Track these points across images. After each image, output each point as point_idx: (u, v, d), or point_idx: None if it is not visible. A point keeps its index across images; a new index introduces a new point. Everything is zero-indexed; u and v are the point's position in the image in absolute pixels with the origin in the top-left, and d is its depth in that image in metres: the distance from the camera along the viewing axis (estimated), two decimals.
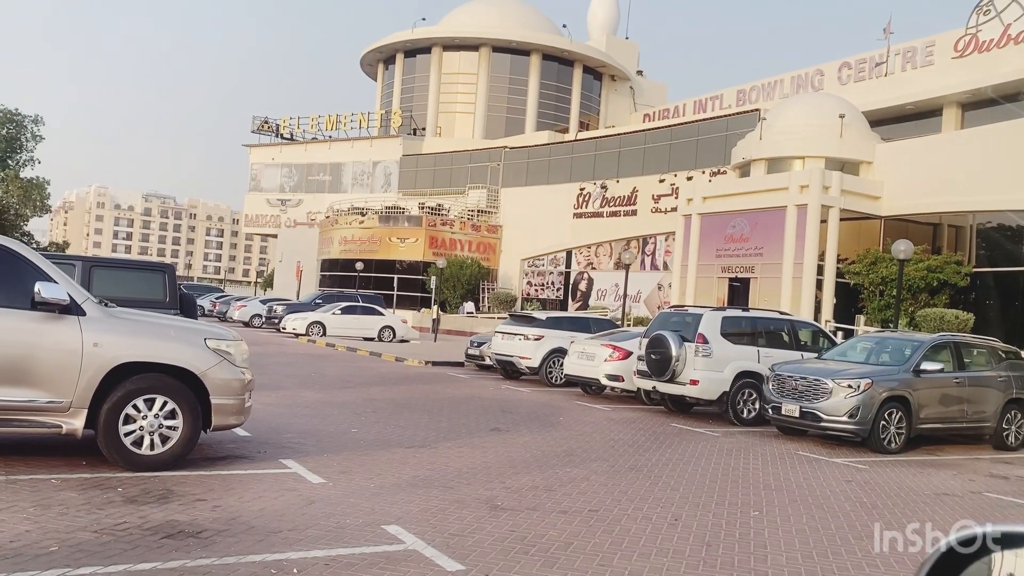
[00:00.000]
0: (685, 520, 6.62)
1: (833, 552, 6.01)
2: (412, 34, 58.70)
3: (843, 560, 5.82)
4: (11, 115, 47.91)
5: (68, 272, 8.87)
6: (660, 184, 39.02)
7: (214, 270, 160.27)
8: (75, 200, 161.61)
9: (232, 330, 8.20)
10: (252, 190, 63.21)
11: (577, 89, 59.19)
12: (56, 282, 6.61)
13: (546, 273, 46.15)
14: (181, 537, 5.17)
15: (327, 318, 30.64)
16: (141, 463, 6.83)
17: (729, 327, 13.84)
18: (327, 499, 6.44)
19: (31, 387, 6.48)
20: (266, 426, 9.54)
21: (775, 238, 27.66)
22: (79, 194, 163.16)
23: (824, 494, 8.09)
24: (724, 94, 49.14)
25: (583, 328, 18.68)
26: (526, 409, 13.62)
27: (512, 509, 6.55)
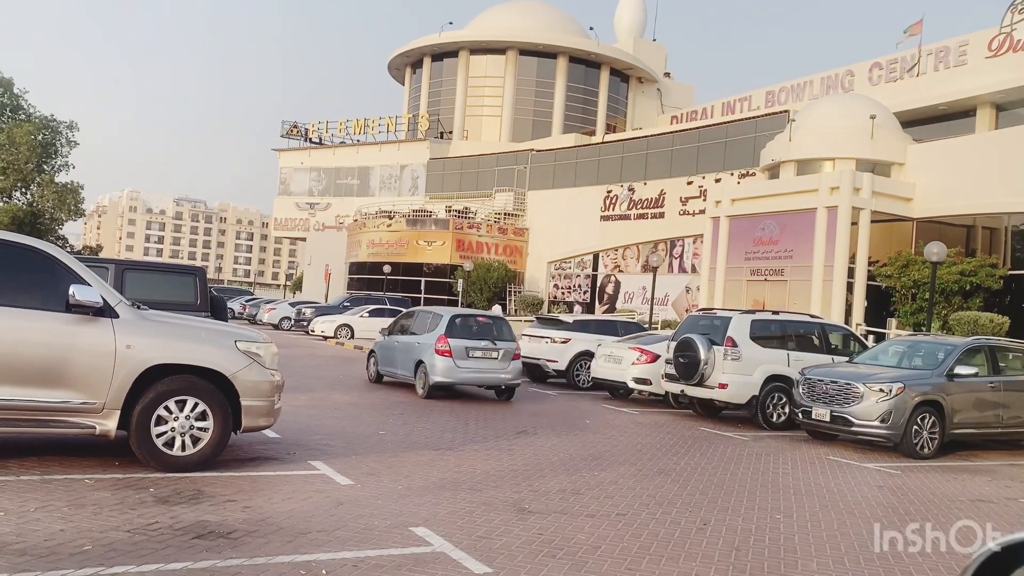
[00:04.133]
0: (714, 524, 6.57)
1: (866, 559, 5.92)
2: (439, 38, 58.92)
3: (875, 567, 5.74)
4: (47, 121, 48.81)
5: (101, 275, 9.02)
6: (688, 186, 38.80)
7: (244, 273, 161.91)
8: (108, 204, 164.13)
9: (262, 332, 8.27)
10: (281, 194, 63.79)
11: (604, 91, 59.04)
12: (90, 285, 6.71)
13: (573, 276, 46.05)
14: (212, 537, 5.22)
15: (355, 321, 30.82)
16: (173, 464, 6.91)
17: (758, 331, 13.73)
18: (355, 500, 6.48)
19: (66, 388, 6.57)
20: (295, 427, 9.61)
21: (805, 240, 27.38)
22: (112, 198, 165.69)
23: (855, 499, 7.98)
24: (752, 96, 48.76)
25: (610, 331, 18.62)
26: (553, 412, 13.59)
27: (540, 512, 6.54)
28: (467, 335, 14.86)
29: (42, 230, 46.23)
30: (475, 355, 14.66)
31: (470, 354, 14.60)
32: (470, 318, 15.65)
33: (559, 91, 57.69)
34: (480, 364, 14.69)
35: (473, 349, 14.68)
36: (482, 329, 15.34)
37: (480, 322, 15.66)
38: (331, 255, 52.74)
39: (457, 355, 14.47)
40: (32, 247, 6.92)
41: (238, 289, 60.48)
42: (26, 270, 6.78)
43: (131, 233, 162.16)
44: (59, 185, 48.36)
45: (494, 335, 15.25)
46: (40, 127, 47.93)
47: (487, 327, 15.50)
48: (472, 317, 15.83)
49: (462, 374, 14.55)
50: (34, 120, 48.13)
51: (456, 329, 14.85)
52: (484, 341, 14.95)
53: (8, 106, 48.59)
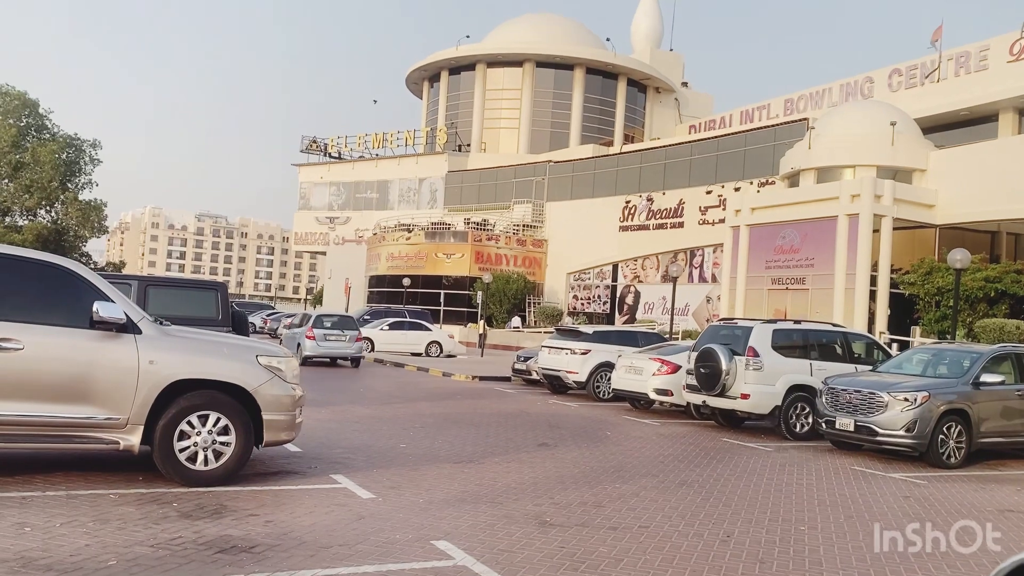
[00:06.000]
0: (737, 537, 6.51)
1: (892, 571, 5.85)
2: (456, 52, 59.24)
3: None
4: (70, 140, 49.54)
5: (124, 291, 9.11)
6: (707, 196, 38.67)
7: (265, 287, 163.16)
8: (131, 221, 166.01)
9: (283, 347, 8.32)
10: (301, 208, 64.25)
11: (621, 102, 59.06)
12: (113, 301, 6.79)
13: (592, 287, 45.97)
14: (234, 552, 5.24)
15: (375, 334, 30.91)
16: (196, 478, 6.95)
17: (780, 340, 13.63)
18: (377, 514, 6.48)
19: (90, 404, 6.64)
20: (316, 441, 9.64)
21: (826, 249, 27.19)
22: (134, 215, 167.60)
23: (881, 510, 7.89)
24: (771, 104, 48.59)
25: (630, 342, 18.55)
26: (574, 424, 13.55)
27: (561, 525, 6.51)
28: (325, 327, 23.51)
29: (66, 247, 46.85)
30: (330, 339, 23.32)
31: (327, 338, 23.26)
32: (327, 317, 24.63)
33: (576, 102, 57.77)
34: (333, 343, 23.38)
35: (328, 334, 23.32)
36: (335, 323, 23.96)
37: (333, 319, 24.43)
38: (351, 269, 53.03)
39: (318, 339, 23.13)
40: (57, 264, 7.02)
41: (259, 303, 60.91)
42: (51, 287, 6.87)
43: (153, 249, 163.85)
44: (83, 203, 49.03)
45: (342, 327, 23.83)
46: (64, 146, 48.64)
47: (338, 322, 24.23)
48: (329, 316, 24.91)
49: (321, 350, 23.14)
50: (58, 139, 48.86)
51: (319, 324, 23.57)
52: (336, 331, 23.49)
53: (33, 126, 49.36)
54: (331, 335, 23.33)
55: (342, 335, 23.43)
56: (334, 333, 23.41)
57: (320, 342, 23.00)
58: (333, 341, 23.28)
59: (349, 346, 23.52)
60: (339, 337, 23.40)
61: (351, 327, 23.98)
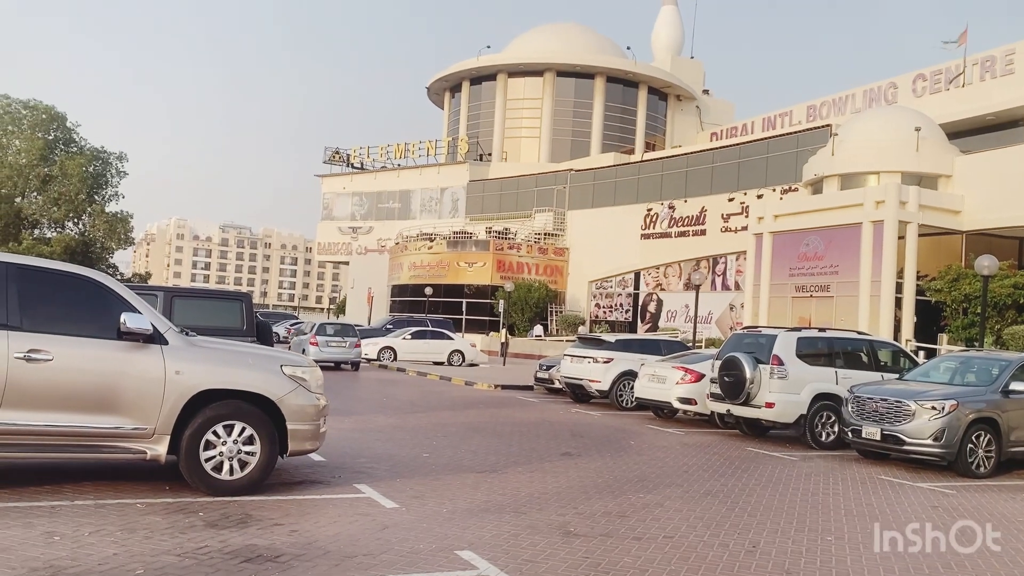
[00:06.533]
0: (763, 547, 6.45)
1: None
2: (477, 62, 59.50)
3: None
4: (97, 153, 50.22)
5: (151, 302, 9.22)
6: (729, 203, 38.48)
7: (288, 297, 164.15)
8: (156, 232, 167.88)
9: (306, 356, 8.37)
10: (324, 219, 64.70)
11: (642, 110, 59.02)
12: (140, 312, 6.87)
13: (614, 295, 45.86)
14: (260, 561, 5.27)
15: (398, 343, 31.02)
16: (221, 488, 7.00)
17: (805, 348, 13.51)
18: (400, 524, 6.49)
19: (118, 414, 6.71)
20: (340, 451, 9.68)
21: (851, 256, 26.95)
22: (160, 226, 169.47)
23: (909, 520, 7.78)
24: (793, 110, 48.34)
25: (653, 350, 18.47)
26: (597, 433, 13.51)
27: (585, 535, 6.49)
28: (328, 334, 25.82)
29: (94, 259, 47.45)
30: (332, 345, 25.39)
31: (329, 344, 25.31)
32: (329, 325, 27.49)
33: (597, 111, 57.80)
34: (334, 349, 25.42)
35: (330, 341, 25.46)
36: (337, 331, 26.35)
37: (336, 327, 27.06)
38: (374, 278, 53.29)
39: (321, 345, 25.07)
40: (85, 276, 7.13)
41: (283, 313, 61.35)
42: (79, 299, 6.97)
43: (179, 260, 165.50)
44: (109, 215, 49.64)
45: (343, 334, 26.12)
46: (91, 159, 49.31)
47: (340, 330, 26.67)
48: (331, 324, 28.08)
49: (323, 355, 24.26)
50: (85, 152, 49.54)
51: (322, 331, 25.98)
52: (337, 338, 25.75)
53: (61, 140, 50.10)
54: (333, 341, 25.53)
55: (343, 342, 25.70)
56: (336, 340, 25.64)
57: (323, 348, 24.94)
58: (335, 347, 25.40)
59: (349, 352, 25.75)
60: (340, 343, 25.62)
61: (351, 335, 26.33)
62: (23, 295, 6.61)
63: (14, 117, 48.81)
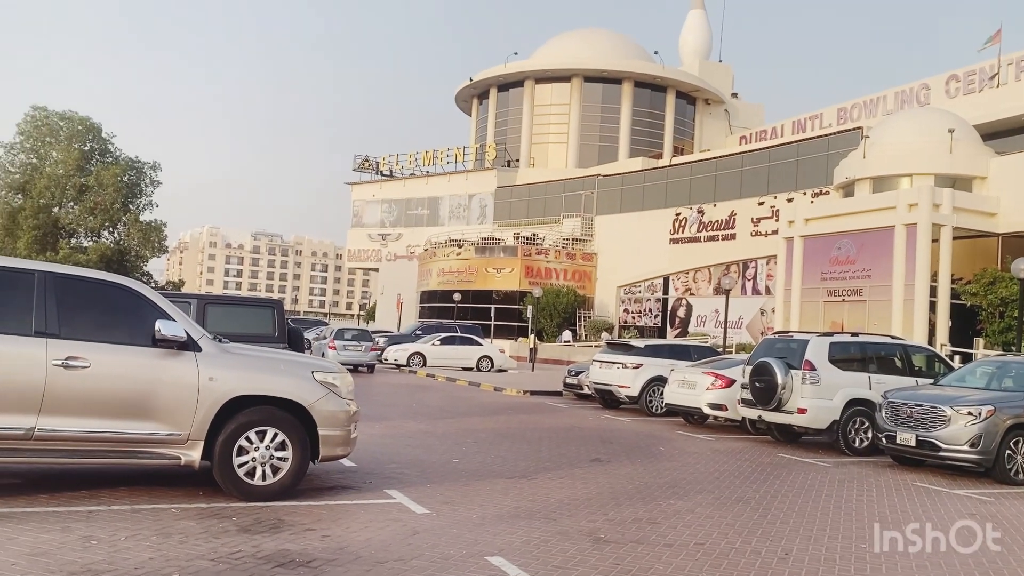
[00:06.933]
0: (796, 554, 6.38)
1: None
2: (505, 69, 59.67)
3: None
4: (132, 163, 51.07)
5: (184, 310, 9.32)
6: (759, 207, 38.18)
7: (319, 304, 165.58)
8: (189, 240, 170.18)
9: (337, 363, 8.43)
10: (354, 226, 65.17)
11: (671, 114, 58.78)
12: (174, 320, 6.97)
13: (643, 300, 45.66)
14: (292, 566, 5.32)
15: (427, 349, 31.14)
16: (254, 493, 7.06)
17: (837, 353, 13.36)
18: (431, 529, 6.51)
19: (152, 420, 6.81)
20: (371, 456, 9.73)
21: (884, 259, 26.61)
22: (193, 234, 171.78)
23: (947, 527, 7.64)
24: (824, 113, 47.88)
25: (683, 356, 18.36)
26: (627, 439, 13.45)
27: (616, 542, 6.47)
28: (346, 339, 27.64)
29: (128, 267, 48.24)
30: (349, 348, 26.98)
31: (346, 348, 26.93)
32: (347, 330, 29.52)
33: (625, 116, 57.67)
34: (351, 353, 26.76)
35: (347, 345, 27.19)
36: (354, 336, 28.40)
37: (353, 332, 29.24)
38: (403, 284, 53.54)
39: (339, 348, 26.59)
40: (120, 284, 7.25)
41: (314, 320, 61.85)
42: (115, 307, 7.09)
43: (211, 268, 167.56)
44: (144, 223, 50.46)
45: (359, 339, 28.05)
46: (126, 169, 50.17)
47: (357, 335, 28.78)
48: (349, 329, 30.27)
49: (341, 358, 24.96)
50: (120, 163, 50.41)
51: (340, 336, 27.86)
52: (354, 342, 27.60)
53: (97, 150, 51.02)
54: (350, 346, 27.31)
55: (359, 346, 27.57)
56: (352, 344, 27.49)
57: (340, 351, 26.35)
58: (351, 351, 26.97)
59: (365, 355, 27.53)
60: (356, 347, 27.38)
61: (367, 339, 28.48)
62: (61, 303, 6.73)
63: (52, 129, 49.83)
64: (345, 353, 26.27)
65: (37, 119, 49.77)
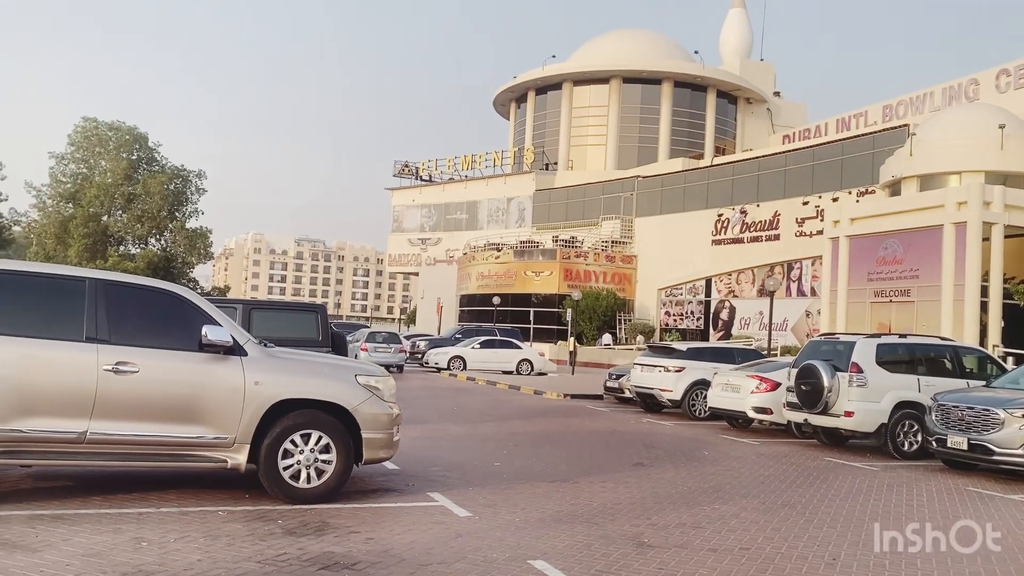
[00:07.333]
0: (844, 560, 6.27)
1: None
2: (542, 72, 59.71)
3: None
4: (178, 171, 52.06)
5: (230, 315, 9.48)
6: (804, 207, 37.67)
7: (361, 308, 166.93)
8: (234, 247, 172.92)
9: (379, 366, 8.50)
10: (395, 231, 65.71)
11: (711, 114, 58.28)
12: (220, 325, 7.08)
13: (685, 302, 45.29)
14: (337, 568, 5.36)
15: (467, 352, 31.25)
16: (299, 496, 7.13)
17: (885, 355, 13.11)
18: (474, 532, 6.52)
19: (200, 424, 6.93)
20: (413, 459, 9.78)
21: (932, 259, 26.06)
22: (238, 241, 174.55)
23: (1001, 533, 7.44)
24: (869, 111, 47.10)
25: (727, 359, 18.16)
26: (669, 443, 13.34)
27: (659, 546, 6.41)
28: (377, 341, 29.97)
29: (175, 274, 49.16)
30: (380, 350, 28.78)
31: (377, 350, 28.70)
32: (377, 333, 32.22)
33: (664, 116, 57.32)
34: (382, 354, 28.16)
35: (378, 347, 29.17)
36: (384, 339, 30.93)
37: (383, 335, 31.88)
38: (442, 288, 53.83)
39: (371, 350, 28.17)
40: (168, 291, 7.40)
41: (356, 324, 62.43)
42: (163, 312, 7.23)
43: (256, 273, 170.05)
44: (190, 231, 51.37)
45: (389, 341, 30.66)
46: (172, 177, 51.13)
47: (387, 337, 31.42)
48: (379, 332, 32.83)
49: (373, 359, 25.20)
50: (167, 171, 51.40)
51: (372, 339, 30.13)
52: (384, 344, 29.96)
53: (144, 159, 52.09)
54: (380, 348, 29.45)
55: (388, 347, 29.95)
56: (383, 346, 29.85)
57: (372, 353, 27.98)
58: (382, 352, 28.90)
59: (394, 356, 29.60)
60: (386, 349, 29.65)
61: (396, 341, 31.38)
62: (111, 310, 6.88)
63: (101, 139, 50.99)
64: (376, 355, 27.67)
65: (87, 130, 50.99)
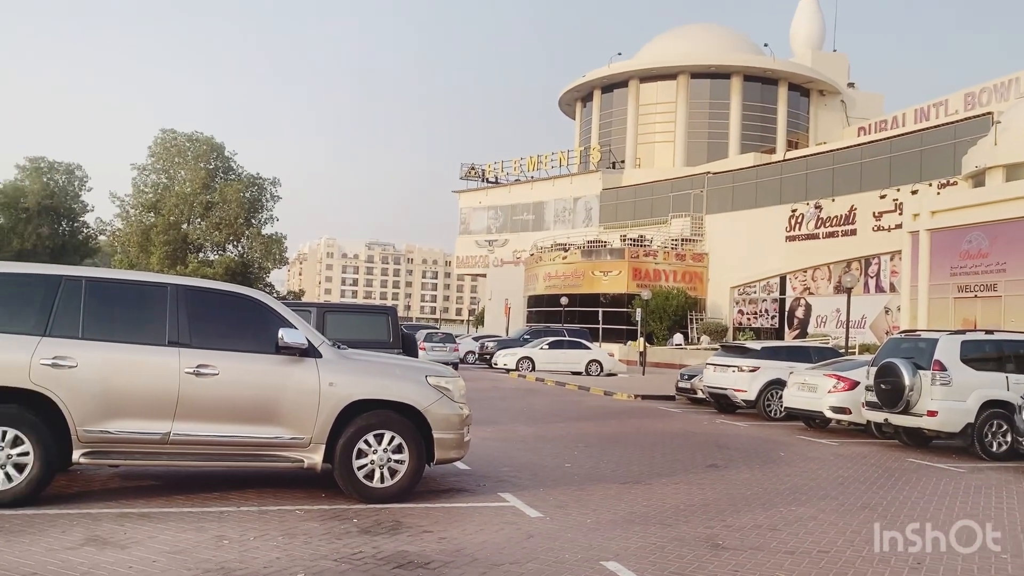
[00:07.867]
0: (929, 564, 6.05)
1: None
2: (608, 70, 59.36)
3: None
4: (254, 179, 53.59)
5: (305, 318, 9.69)
6: (881, 200, 36.50)
7: (430, 310, 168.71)
8: (308, 252, 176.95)
9: (449, 367, 8.58)
10: (462, 233, 66.21)
11: (783, 108, 57.03)
12: (296, 328, 7.25)
13: (758, 301, 44.41)
14: (411, 567, 5.43)
15: (535, 353, 31.27)
16: (373, 495, 7.25)
17: (970, 352, 12.61)
18: (545, 533, 6.52)
19: (277, 425, 7.10)
20: (484, 460, 9.84)
21: (1020, 252, 24.96)
22: (311, 246, 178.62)
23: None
24: (949, 100, 45.42)
25: (803, 358, 17.73)
26: (744, 444, 13.10)
27: (735, 548, 6.30)
28: (434, 341, 32.45)
29: (252, 278, 50.61)
30: (436, 349, 31.12)
31: (433, 349, 30.88)
32: (434, 334, 34.97)
33: (734, 111, 56.34)
34: (438, 353, 30.36)
35: (435, 347, 31.49)
36: (440, 339, 33.75)
37: (440, 336, 34.95)
38: (510, 290, 53.95)
39: (428, 349, 29.85)
40: (246, 296, 7.62)
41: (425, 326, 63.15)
42: (241, 316, 7.45)
43: (329, 277, 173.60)
44: (265, 237, 52.83)
45: (444, 341, 33.57)
46: (248, 185, 52.66)
47: (443, 338, 34.46)
48: (436, 333, 35.95)
49: (430, 357, 26.63)
50: (243, 179, 52.96)
51: (429, 339, 32.31)
52: (440, 344, 32.57)
53: (221, 168, 53.78)
54: (436, 347, 31.76)
55: (444, 347, 32.51)
56: (439, 345, 32.37)
57: (430, 351, 29.86)
58: (438, 351, 31.00)
59: (449, 355, 31.71)
60: (442, 348, 32.08)
61: (451, 341, 34.41)
62: (191, 314, 7.12)
63: (180, 150, 52.85)
64: (433, 354, 29.65)
65: (167, 141, 52.90)
